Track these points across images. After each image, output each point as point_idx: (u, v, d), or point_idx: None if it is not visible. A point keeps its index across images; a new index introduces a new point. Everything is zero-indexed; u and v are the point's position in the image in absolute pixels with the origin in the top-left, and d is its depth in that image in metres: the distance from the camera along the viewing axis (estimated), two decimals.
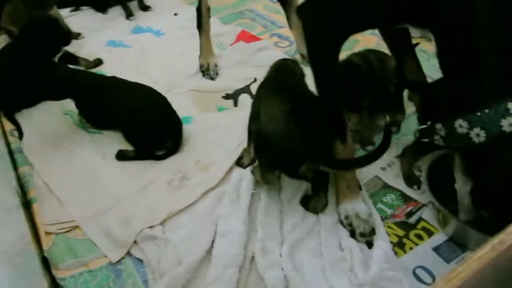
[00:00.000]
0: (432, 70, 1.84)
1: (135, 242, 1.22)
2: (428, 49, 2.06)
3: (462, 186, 1.12)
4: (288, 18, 2.10)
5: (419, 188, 1.38)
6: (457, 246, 1.21)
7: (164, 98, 1.56)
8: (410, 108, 1.65)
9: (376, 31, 1.86)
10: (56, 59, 1.68)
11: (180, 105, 1.71)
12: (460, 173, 1.11)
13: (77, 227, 1.28)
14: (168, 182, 1.38)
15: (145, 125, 1.48)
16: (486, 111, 0.98)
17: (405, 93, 1.66)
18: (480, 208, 1.10)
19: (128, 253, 1.21)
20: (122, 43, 2.23)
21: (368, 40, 2.12)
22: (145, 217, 1.26)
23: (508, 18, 0.98)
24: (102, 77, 1.64)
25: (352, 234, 1.23)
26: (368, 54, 1.57)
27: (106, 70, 1.98)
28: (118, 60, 2.07)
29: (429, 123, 1.16)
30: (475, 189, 1.07)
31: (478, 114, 0.99)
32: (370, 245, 1.21)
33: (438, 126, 1.10)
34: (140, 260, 1.19)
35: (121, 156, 1.49)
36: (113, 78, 1.64)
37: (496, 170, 1.01)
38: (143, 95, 1.55)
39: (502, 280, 0.79)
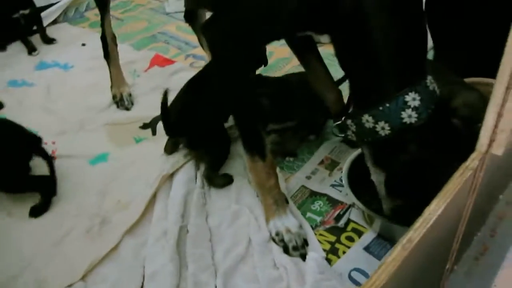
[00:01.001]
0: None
1: None
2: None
3: (376, 177, 1.15)
4: (199, 37, 2.08)
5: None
6: (385, 241, 1.23)
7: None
8: None
9: None
10: None
11: (94, 142, 1.64)
12: (370, 165, 1.14)
13: None
14: (87, 230, 1.28)
15: None
16: (387, 105, 1.01)
17: None
18: (394, 197, 1.13)
19: None
20: (25, 82, 2.07)
21: (281, 51, 2.13)
22: (63, 275, 1.16)
23: (397, 16, 1.01)
24: None
25: (285, 250, 1.21)
26: (288, 79, 1.60)
27: (8, 113, 1.83)
28: (21, 101, 1.92)
29: (342, 119, 1.18)
30: (387, 179, 1.10)
31: (381, 108, 1.02)
32: (304, 257, 1.19)
33: (349, 121, 1.12)
34: None
35: (35, 212, 1.36)
36: None
37: (402, 160, 1.05)
38: None
39: (418, 278, 0.80)
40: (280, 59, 2.07)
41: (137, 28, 2.60)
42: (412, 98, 0.99)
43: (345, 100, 1.49)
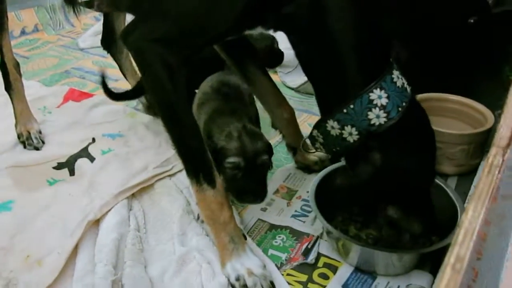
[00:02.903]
0: None
1: None
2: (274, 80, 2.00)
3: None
4: (121, 66, 1.86)
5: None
6: (365, 274, 1.05)
7: None
8: (275, 138, 1.51)
9: None
10: None
11: None
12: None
13: None
14: None
15: None
16: (351, 106, 0.90)
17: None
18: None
19: None
20: None
21: None
22: None
23: (357, 8, 0.93)
24: None
25: None
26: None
27: None
28: None
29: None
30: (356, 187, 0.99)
31: (345, 111, 0.90)
32: None
33: (315, 132, 0.99)
34: None
35: None
36: None
37: (363, 171, 0.93)
38: None
39: None
40: None
41: (46, 65, 2.33)
42: (378, 96, 0.89)
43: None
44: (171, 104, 0.98)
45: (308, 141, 1.05)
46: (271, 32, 1.02)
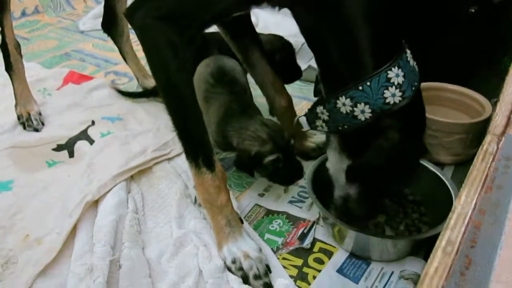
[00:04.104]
0: None
1: None
2: None
3: (336, 165, 1.03)
4: (121, 49, 1.85)
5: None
6: (359, 260, 1.06)
7: None
8: None
9: None
10: None
11: None
12: (334, 152, 1.01)
13: None
14: None
15: None
16: (368, 83, 0.87)
17: None
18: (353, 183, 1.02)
19: None
20: None
21: None
22: None
23: None
24: None
25: (245, 280, 0.99)
26: None
27: None
28: None
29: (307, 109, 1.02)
30: (353, 166, 0.98)
31: (360, 88, 0.87)
32: (269, 287, 0.98)
33: (320, 109, 0.95)
34: None
35: None
36: None
37: (380, 150, 0.91)
38: None
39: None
40: None
41: (46, 47, 2.33)
42: (396, 74, 0.87)
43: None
44: (174, 84, 0.97)
45: (303, 120, 1.02)
46: (276, 10, 0.99)
